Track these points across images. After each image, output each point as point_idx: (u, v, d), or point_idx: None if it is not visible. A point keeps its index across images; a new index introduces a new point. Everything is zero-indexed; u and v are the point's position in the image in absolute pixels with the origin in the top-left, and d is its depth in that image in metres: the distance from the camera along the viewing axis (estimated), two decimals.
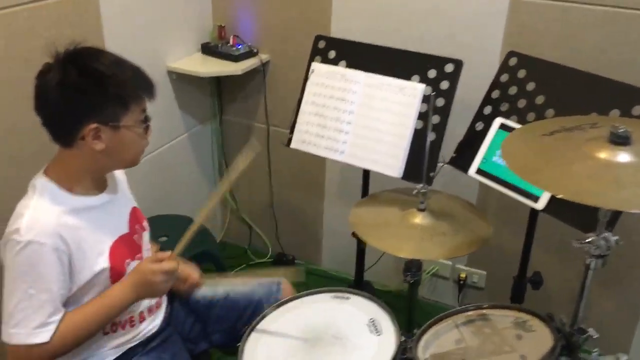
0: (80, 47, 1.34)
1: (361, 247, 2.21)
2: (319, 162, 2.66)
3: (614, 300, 2.22)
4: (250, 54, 2.51)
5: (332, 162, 2.65)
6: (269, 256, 2.97)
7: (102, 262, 1.39)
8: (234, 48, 2.49)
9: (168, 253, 1.43)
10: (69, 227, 1.32)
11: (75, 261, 1.33)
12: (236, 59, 2.47)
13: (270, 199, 2.83)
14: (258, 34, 2.56)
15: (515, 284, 1.95)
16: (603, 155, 1.23)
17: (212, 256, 2.27)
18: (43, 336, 1.30)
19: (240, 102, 2.74)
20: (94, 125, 1.30)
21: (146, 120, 1.39)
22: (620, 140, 1.22)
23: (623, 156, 1.22)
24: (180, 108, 2.57)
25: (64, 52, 1.31)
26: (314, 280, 1.83)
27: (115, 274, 1.42)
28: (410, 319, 1.90)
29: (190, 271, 1.63)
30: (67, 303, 1.36)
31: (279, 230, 2.88)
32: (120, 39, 2.13)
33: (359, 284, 2.29)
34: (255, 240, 2.99)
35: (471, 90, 1.86)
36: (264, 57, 2.53)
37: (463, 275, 2.56)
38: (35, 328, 1.29)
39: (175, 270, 1.41)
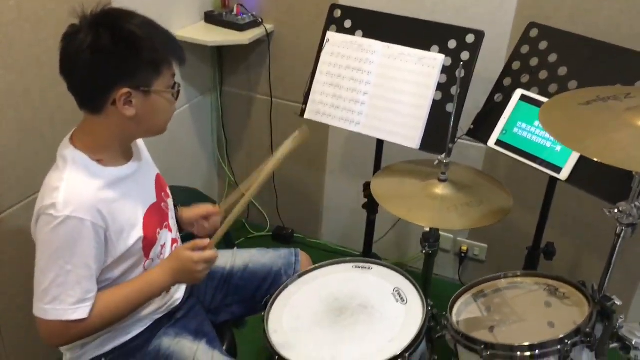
0: (109, 8, 1.29)
1: (371, 219, 2.21)
2: (322, 136, 2.65)
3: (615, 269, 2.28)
4: (255, 23, 2.46)
5: (335, 136, 2.64)
6: (267, 230, 2.95)
7: (137, 233, 1.36)
8: (239, 17, 2.44)
9: (207, 240, 1.43)
10: (106, 202, 1.29)
11: (111, 235, 1.30)
12: (241, 28, 2.42)
13: (270, 172, 2.79)
14: (262, 4, 2.50)
15: (529, 254, 1.98)
16: None
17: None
18: (81, 312, 1.27)
19: (242, 73, 2.69)
20: (125, 90, 1.25)
21: (176, 85, 1.36)
22: None
23: None
24: (183, 79, 2.51)
25: (91, 13, 1.26)
26: (315, 255, 1.83)
27: (148, 244, 1.40)
28: (426, 290, 1.91)
29: (206, 207, 1.64)
30: (100, 275, 1.33)
31: (279, 203, 2.86)
32: (124, 4, 2.05)
33: (367, 257, 2.30)
34: (254, 213, 2.97)
35: (482, 62, 1.85)
36: (268, 27, 2.49)
37: (464, 248, 2.59)
38: (74, 304, 1.26)
39: (215, 258, 1.41)
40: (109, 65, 1.24)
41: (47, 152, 1.79)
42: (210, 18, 2.48)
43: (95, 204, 1.26)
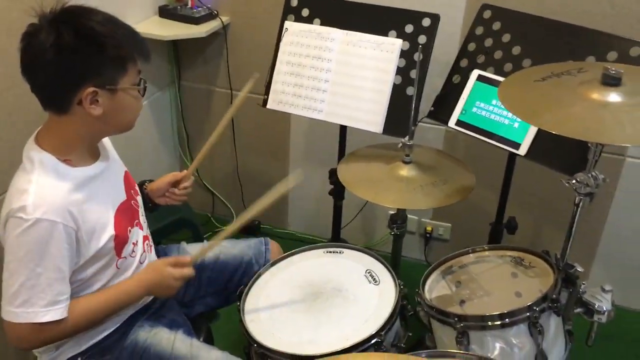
0: (69, 6, 1.27)
1: (338, 204, 2.23)
2: (283, 126, 2.66)
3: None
4: (210, 16, 2.45)
5: (296, 126, 2.65)
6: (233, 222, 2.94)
7: (108, 232, 1.35)
8: (194, 10, 2.42)
9: (188, 258, 1.47)
10: (76, 203, 1.28)
11: (83, 235, 1.29)
12: (197, 21, 2.40)
13: (234, 165, 2.80)
14: None
15: (492, 229, 2.04)
16: (597, 96, 1.30)
17: (189, 223, 2.24)
18: (53, 314, 1.26)
19: (200, 66, 2.67)
20: (91, 89, 1.24)
21: (142, 82, 1.34)
22: (613, 82, 1.30)
23: (615, 96, 1.30)
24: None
25: (50, 11, 1.24)
26: (283, 244, 1.85)
27: (120, 242, 1.39)
28: (396, 270, 1.95)
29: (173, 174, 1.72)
30: (72, 276, 1.31)
31: (244, 196, 2.86)
32: (73, 2, 2.02)
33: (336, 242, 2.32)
34: (219, 207, 2.96)
35: (439, 45, 1.89)
36: (224, 19, 2.48)
37: (429, 228, 2.65)
38: (45, 306, 1.25)
39: (193, 277, 1.46)
40: (73, 64, 1.22)
41: (9, 153, 1.76)
42: (165, 12, 2.46)
43: (66, 205, 1.25)
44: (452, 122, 1.85)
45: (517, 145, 1.71)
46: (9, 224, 1.23)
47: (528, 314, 1.37)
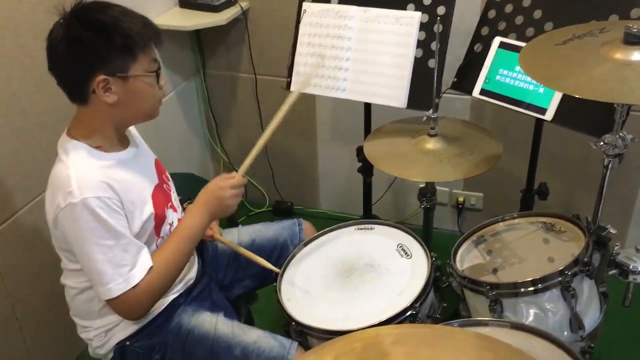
0: (86, 2, 1.32)
1: (368, 181, 2.25)
2: (309, 106, 2.67)
3: (607, 201, 2.34)
4: (229, 2, 2.47)
5: (321, 104, 2.67)
6: (267, 205, 3.00)
7: (148, 210, 1.41)
8: None
9: (234, 173, 1.50)
10: (115, 180, 1.33)
11: (127, 210, 1.35)
12: (216, 9, 2.43)
13: (264, 149, 2.82)
14: None
15: (523, 196, 2.03)
16: (620, 56, 1.28)
17: None
18: (141, 271, 1.33)
19: (223, 54, 2.70)
20: (101, 77, 1.29)
21: (156, 69, 1.38)
22: (635, 40, 1.27)
23: (638, 55, 1.27)
24: (165, 67, 2.52)
25: (71, 9, 1.29)
26: (316, 224, 1.88)
27: (159, 221, 1.45)
28: (428, 243, 1.96)
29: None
30: None
31: (275, 178, 2.90)
32: None
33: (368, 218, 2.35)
34: (252, 191, 3.01)
35: (459, 14, 1.86)
36: (243, 4, 2.49)
37: (461, 199, 2.65)
38: (131, 270, 1.32)
39: (243, 185, 1.49)
40: (82, 54, 1.28)
41: (42, 153, 1.83)
42: (185, 2, 2.49)
43: (106, 180, 1.31)
44: (476, 92, 1.84)
45: (543, 111, 1.70)
46: (62, 216, 1.29)
47: (560, 278, 1.37)
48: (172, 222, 1.52)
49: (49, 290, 1.90)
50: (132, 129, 1.55)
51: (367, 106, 2.12)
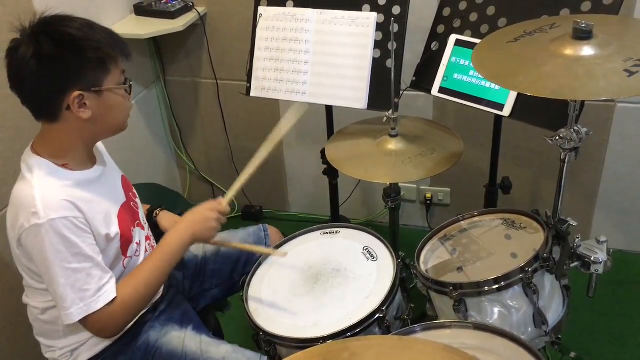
0: (46, 17, 1.29)
1: (334, 183, 2.25)
2: (272, 109, 2.66)
3: (571, 192, 2.38)
4: (186, 8, 2.43)
5: (285, 108, 2.64)
6: (236, 210, 2.97)
7: (114, 231, 1.39)
8: (169, 4, 2.41)
9: (221, 199, 1.52)
10: (80, 199, 1.31)
11: (92, 228, 1.32)
12: (173, 15, 2.39)
13: (229, 154, 2.81)
14: None
15: (487, 191, 2.05)
16: (569, 51, 1.29)
17: None
18: (105, 297, 1.31)
19: (183, 60, 2.67)
20: (77, 93, 1.27)
21: (127, 80, 1.37)
22: (584, 35, 1.29)
23: (587, 50, 1.29)
24: None
25: (30, 24, 1.26)
26: (286, 226, 1.87)
27: (125, 241, 1.42)
28: (394, 243, 1.97)
29: None
30: None
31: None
32: (48, 5, 2.01)
33: (336, 220, 2.34)
34: (219, 196, 2.98)
35: (417, 12, 1.87)
36: (200, 10, 2.46)
37: (429, 195, 2.66)
38: (94, 295, 1.29)
39: (229, 212, 1.51)
40: (55, 70, 1.25)
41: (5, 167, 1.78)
42: (140, 10, 2.45)
43: (70, 199, 1.28)
44: (434, 91, 1.84)
45: (500, 107, 1.71)
46: (26, 237, 1.26)
47: (521, 275, 1.38)
48: (140, 241, 1.50)
49: (14, 308, 1.86)
50: (100, 145, 1.52)
51: (329, 108, 2.11)
